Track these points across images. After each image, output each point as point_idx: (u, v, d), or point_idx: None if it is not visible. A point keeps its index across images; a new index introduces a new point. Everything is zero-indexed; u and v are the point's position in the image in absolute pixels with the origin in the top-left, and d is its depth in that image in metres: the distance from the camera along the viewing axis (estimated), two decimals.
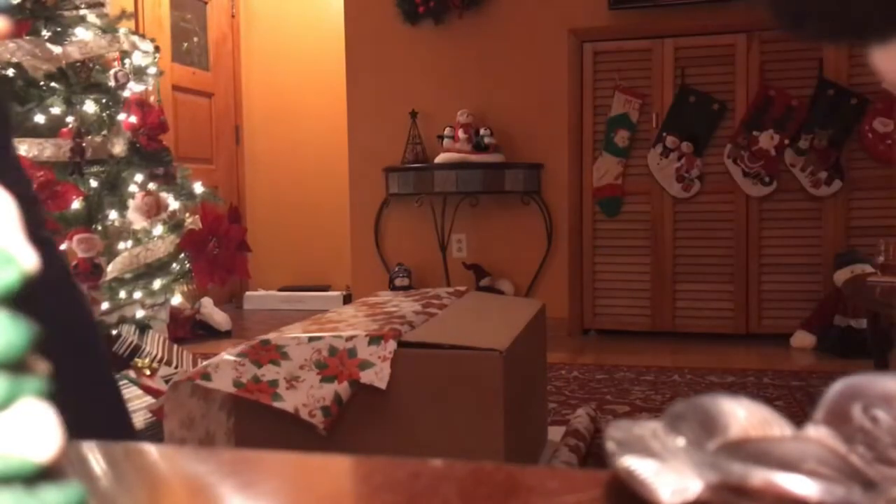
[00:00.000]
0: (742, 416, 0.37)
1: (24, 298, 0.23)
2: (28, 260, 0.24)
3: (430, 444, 1.39)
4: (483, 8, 3.99)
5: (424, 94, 4.08)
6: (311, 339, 1.44)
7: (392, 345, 1.41)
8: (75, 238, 2.13)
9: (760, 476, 0.32)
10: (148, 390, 2.15)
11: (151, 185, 2.46)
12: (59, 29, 2.37)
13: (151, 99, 2.71)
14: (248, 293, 5.16)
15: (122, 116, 2.43)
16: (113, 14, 2.67)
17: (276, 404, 1.36)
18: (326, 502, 0.41)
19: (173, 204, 2.49)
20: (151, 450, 0.47)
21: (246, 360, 1.41)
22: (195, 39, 5.00)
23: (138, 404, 2.07)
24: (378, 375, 1.39)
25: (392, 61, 4.15)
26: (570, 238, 3.89)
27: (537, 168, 3.94)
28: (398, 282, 4.01)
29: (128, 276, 2.27)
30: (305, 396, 1.37)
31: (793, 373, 3.03)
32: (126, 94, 2.47)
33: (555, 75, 3.90)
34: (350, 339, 1.43)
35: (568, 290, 3.89)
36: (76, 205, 2.24)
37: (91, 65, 2.44)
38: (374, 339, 1.42)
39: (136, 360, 2.32)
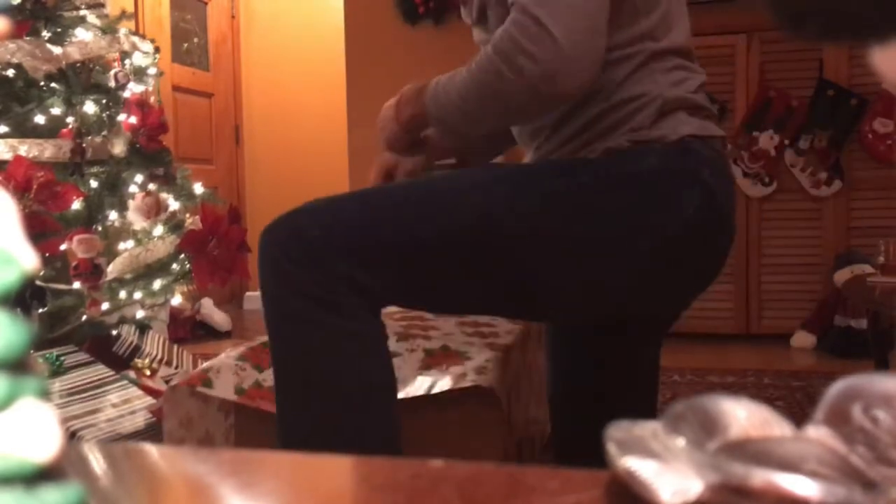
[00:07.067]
0: (742, 416, 0.37)
1: None
2: (28, 260, 0.24)
3: (431, 444, 1.38)
4: None
5: None
6: None
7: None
8: (75, 238, 2.13)
9: (761, 476, 0.32)
10: (148, 390, 2.15)
11: (151, 186, 2.45)
12: (59, 30, 2.37)
13: (151, 99, 2.71)
14: (248, 293, 5.16)
15: (122, 117, 2.43)
16: (113, 14, 2.67)
17: None
18: (326, 502, 0.41)
19: (173, 204, 2.49)
20: (151, 450, 0.47)
21: (247, 364, 1.40)
22: (195, 40, 4.99)
23: (138, 404, 2.07)
24: None
25: (392, 61, 4.15)
26: None
27: None
28: None
29: (128, 276, 2.27)
30: None
31: (793, 373, 3.03)
32: (126, 94, 2.47)
33: None
34: None
35: None
36: (76, 205, 2.24)
37: (91, 65, 2.44)
38: None
39: (136, 360, 2.32)
